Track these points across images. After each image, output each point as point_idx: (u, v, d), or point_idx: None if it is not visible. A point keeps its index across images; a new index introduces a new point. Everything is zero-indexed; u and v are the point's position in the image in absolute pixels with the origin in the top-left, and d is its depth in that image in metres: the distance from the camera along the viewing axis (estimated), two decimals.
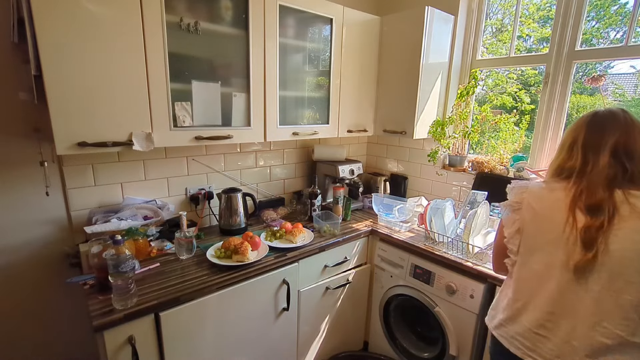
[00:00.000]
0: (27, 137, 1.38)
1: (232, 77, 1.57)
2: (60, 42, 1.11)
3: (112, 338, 1.11)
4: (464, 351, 1.60)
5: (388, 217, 2.01)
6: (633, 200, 0.87)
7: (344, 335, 2.02)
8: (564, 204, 0.93)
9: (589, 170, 0.93)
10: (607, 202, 0.88)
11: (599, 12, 1.87)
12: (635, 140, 0.91)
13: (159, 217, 1.61)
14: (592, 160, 0.93)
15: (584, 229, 0.89)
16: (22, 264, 1.46)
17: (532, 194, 1.01)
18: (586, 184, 0.92)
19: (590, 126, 0.97)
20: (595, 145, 0.94)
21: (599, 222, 0.87)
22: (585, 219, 0.89)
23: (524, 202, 1.02)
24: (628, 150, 0.91)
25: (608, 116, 0.96)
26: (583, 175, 0.94)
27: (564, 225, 0.92)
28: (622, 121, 0.93)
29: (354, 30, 1.95)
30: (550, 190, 0.99)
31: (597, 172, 0.91)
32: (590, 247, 0.87)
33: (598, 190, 0.90)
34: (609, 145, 0.92)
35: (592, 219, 0.88)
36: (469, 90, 2.05)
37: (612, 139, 0.92)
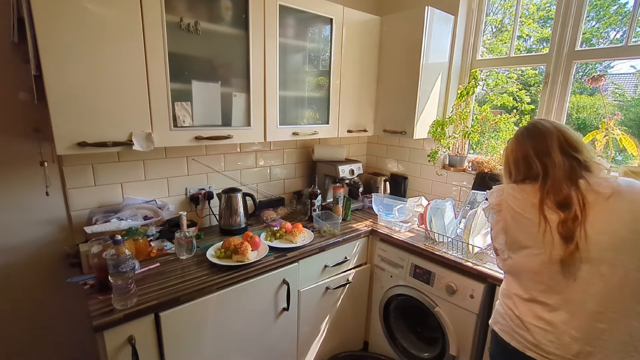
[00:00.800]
0: (27, 137, 1.38)
1: (232, 77, 1.57)
2: (60, 42, 1.11)
3: (112, 338, 1.11)
4: (464, 351, 1.60)
5: (388, 217, 2.01)
6: (595, 186, 0.96)
7: (344, 335, 2.02)
8: (533, 205, 1.02)
9: (550, 172, 1.01)
10: (574, 194, 0.96)
11: (598, 12, 1.87)
12: (572, 136, 1.03)
13: (159, 217, 1.61)
14: (549, 162, 1.02)
15: (560, 224, 0.95)
16: (22, 264, 1.46)
17: (508, 195, 1.09)
18: (550, 183, 1.00)
19: (533, 138, 1.07)
20: (545, 151, 1.04)
21: (572, 214, 0.94)
22: (559, 215, 0.96)
23: (503, 203, 1.10)
24: (571, 145, 1.02)
25: (538, 127, 1.08)
26: (548, 177, 1.02)
27: (538, 224, 1.00)
28: (551, 127, 1.06)
29: (354, 30, 1.95)
30: (521, 190, 1.07)
31: (556, 170, 1.00)
32: (570, 239, 0.94)
33: (562, 186, 0.98)
34: (555, 147, 1.02)
35: (564, 213, 0.95)
36: (469, 90, 2.05)
37: (555, 141, 1.03)
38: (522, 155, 1.09)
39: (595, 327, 0.92)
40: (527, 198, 1.04)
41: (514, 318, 1.05)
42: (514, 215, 1.06)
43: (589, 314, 0.92)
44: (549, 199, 0.99)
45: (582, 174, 0.99)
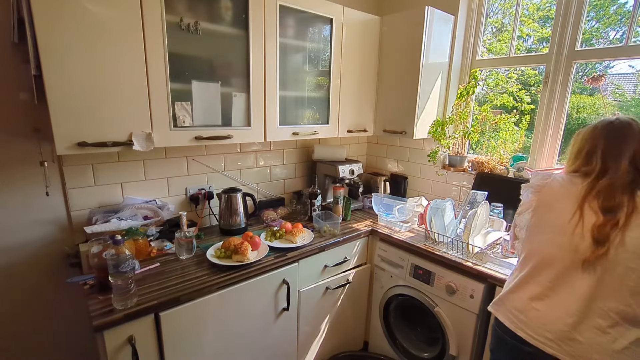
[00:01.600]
0: (27, 137, 1.38)
1: (232, 77, 1.57)
2: (60, 42, 1.11)
3: (112, 338, 1.10)
4: (464, 351, 1.60)
5: (388, 217, 2.01)
6: None
7: (344, 335, 2.02)
8: (575, 197, 1.00)
9: (609, 175, 0.99)
10: (624, 204, 0.94)
11: (598, 12, 1.87)
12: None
13: (159, 217, 1.61)
14: (612, 167, 0.99)
15: (597, 227, 0.94)
16: (22, 264, 1.46)
17: (554, 181, 1.08)
18: (605, 185, 0.97)
19: (609, 136, 1.02)
20: (614, 154, 1.00)
21: (614, 220, 0.93)
22: (598, 217, 0.95)
23: (545, 186, 1.09)
24: None
25: (625, 127, 1.01)
26: (602, 177, 0.99)
27: (571, 216, 0.99)
28: (637, 131, 1.00)
29: (354, 30, 1.95)
30: (569, 181, 1.06)
31: (617, 176, 0.97)
32: (603, 243, 0.93)
33: (616, 193, 0.95)
34: (627, 154, 0.98)
35: (606, 218, 0.94)
36: (469, 90, 2.05)
37: (630, 149, 0.98)
38: (587, 149, 1.06)
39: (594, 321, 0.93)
40: (572, 189, 1.03)
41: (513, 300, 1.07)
42: (552, 199, 1.06)
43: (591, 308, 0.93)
44: (596, 199, 0.97)
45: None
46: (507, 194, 1.89)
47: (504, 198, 1.87)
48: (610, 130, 1.03)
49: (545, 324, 0.99)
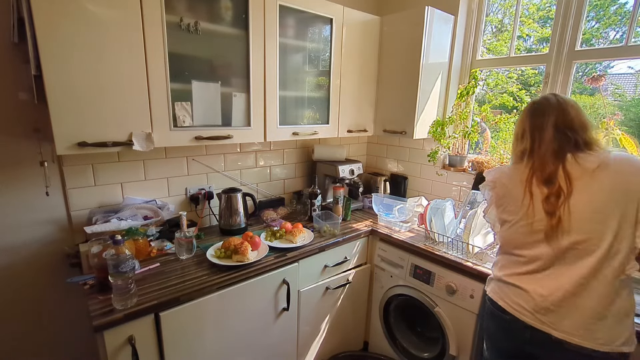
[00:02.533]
0: (27, 137, 1.38)
1: (232, 77, 1.57)
2: (61, 42, 1.11)
3: (112, 338, 1.11)
4: (464, 351, 1.60)
5: (388, 217, 2.01)
6: (582, 161, 1.01)
7: (344, 335, 2.02)
8: (519, 180, 1.10)
9: (536, 148, 1.08)
10: (560, 170, 1.02)
11: (598, 12, 1.87)
12: (570, 115, 1.06)
13: (159, 217, 1.61)
14: (538, 138, 1.08)
15: (545, 200, 1.03)
16: (22, 264, 1.46)
17: (503, 174, 1.18)
18: (537, 160, 1.07)
19: (532, 113, 1.13)
20: (539, 126, 1.09)
21: (556, 189, 1.01)
22: (542, 191, 1.04)
23: (497, 180, 1.19)
24: (567, 123, 1.05)
25: (543, 102, 1.11)
26: (535, 153, 1.08)
27: (522, 198, 1.08)
28: (555, 103, 1.09)
29: (354, 31, 1.95)
30: (514, 169, 1.15)
31: (544, 147, 1.06)
32: (553, 214, 1.01)
33: (548, 162, 1.04)
34: (550, 123, 1.07)
35: (549, 189, 1.03)
36: (469, 90, 2.04)
37: (551, 118, 1.07)
38: (520, 131, 1.15)
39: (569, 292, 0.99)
40: (517, 175, 1.12)
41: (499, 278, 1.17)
42: (504, 190, 1.15)
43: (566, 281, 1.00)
44: (536, 175, 1.06)
45: (572, 151, 1.03)
46: None
47: None
48: (532, 109, 1.13)
49: (523, 297, 1.07)
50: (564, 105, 1.07)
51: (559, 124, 1.06)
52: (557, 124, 1.06)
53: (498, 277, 1.18)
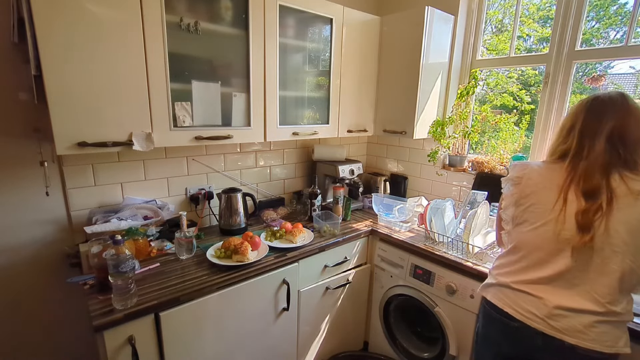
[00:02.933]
0: (27, 137, 1.38)
1: (232, 77, 1.57)
2: (60, 42, 1.11)
3: (112, 338, 1.11)
4: (464, 351, 1.60)
5: (388, 217, 2.01)
6: (629, 181, 0.94)
7: (344, 335, 2.02)
8: (556, 184, 1.01)
9: (585, 155, 0.99)
10: (603, 187, 0.94)
11: (598, 12, 1.87)
12: (630, 127, 0.96)
13: (159, 217, 1.61)
14: (587, 145, 0.99)
15: (580, 212, 0.95)
16: (22, 264, 1.46)
17: (532, 170, 1.08)
18: (583, 169, 0.98)
19: (589, 111, 1.01)
20: (592, 131, 0.99)
21: (596, 205, 0.94)
22: (580, 203, 0.96)
23: (524, 177, 1.09)
24: (622, 136, 0.96)
25: (607, 102, 1.00)
26: (579, 159, 0.99)
27: (554, 204, 1.00)
28: (619, 107, 0.98)
29: (354, 30, 1.95)
30: (548, 168, 1.06)
31: (593, 157, 0.97)
32: (587, 229, 0.94)
33: (595, 175, 0.96)
34: (605, 132, 0.97)
35: (588, 203, 0.95)
36: (469, 90, 2.05)
37: (608, 125, 0.97)
38: (568, 125, 1.05)
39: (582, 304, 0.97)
40: (552, 177, 1.03)
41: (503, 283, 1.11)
42: (532, 189, 1.06)
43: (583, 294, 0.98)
44: (576, 184, 0.97)
45: (620, 168, 0.95)
46: None
47: None
48: (593, 104, 1.02)
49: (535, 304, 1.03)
50: (628, 112, 0.97)
51: (614, 134, 0.96)
52: (612, 134, 0.96)
53: (504, 283, 1.11)
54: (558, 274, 1.00)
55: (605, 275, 0.95)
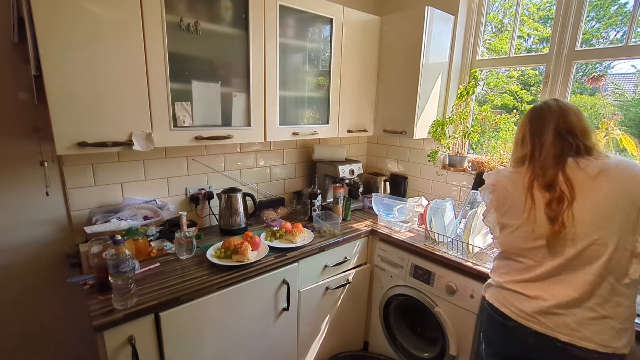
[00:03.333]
0: (27, 137, 1.38)
1: (232, 77, 1.57)
2: (60, 42, 1.11)
3: (112, 338, 1.11)
4: (464, 351, 1.60)
5: (388, 217, 2.01)
6: (585, 166, 1.01)
7: (344, 335, 2.02)
8: (522, 185, 1.09)
9: (538, 154, 1.08)
10: (560, 175, 1.02)
11: (599, 12, 1.87)
12: (571, 120, 1.06)
13: (159, 217, 1.61)
14: (538, 143, 1.08)
15: (547, 205, 1.02)
16: (22, 264, 1.46)
17: (503, 177, 1.17)
18: (539, 165, 1.06)
19: (532, 119, 1.13)
20: (539, 131, 1.09)
21: (557, 195, 1.01)
22: (545, 196, 1.03)
23: (497, 183, 1.18)
24: (568, 128, 1.06)
25: (544, 107, 1.12)
26: (535, 159, 1.08)
27: (524, 203, 1.07)
28: (556, 108, 1.09)
29: (354, 31, 1.95)
30: (515, 173, 1.14)
31: (545, 152, 1.06)
32: (555, 219, 1.00)
33: (549, 169, 1.04)
34: (550, 129, 1.07)
35: (550, 194, 1.02)
36: (469, 90, 2.04)
37: (552, 124, 1.07)
38: (520, 136, 1.16)
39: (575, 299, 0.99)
40: (518, 179, 1.11)
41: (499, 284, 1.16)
42: (505, 194, 1.14)
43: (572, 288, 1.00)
44: (537, 181, 1.06)
45: (574, 156, 1.03)
46: None
47: None
48: (534, 113, 1.14)
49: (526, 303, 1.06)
50: (565, 111, 1.07)
51: (560, 129, 1.06)
52: (558, 129, 1.06)
53: (498, 284, 1.16)
54: (546, 271, 1.04)
55: (590, 264, 0.98)
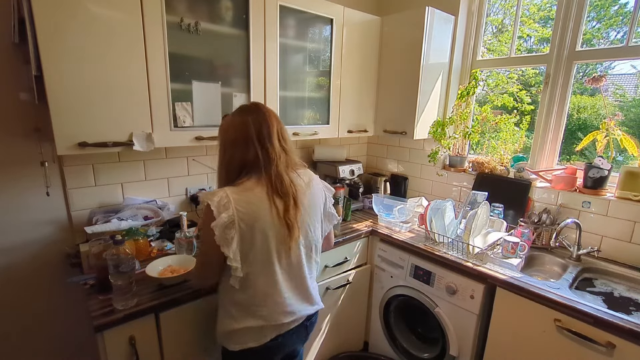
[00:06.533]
0: (28, 137, 1.38)
1: (232, 77, 1.57)
2: (61, 43, 1.11)
3: (112, 338, 1.10)
4: (464, 351, 1.60)
5: (388, 218, 2.01)
6: (302, 175, 1.11)
7: (344, 336, 2.02)
8: (263, 196, 1.02)
9: (273, 159, 1.04)
10: (290, 185, 1.05)
11: (599, 13, 1.87)
12: (282, 125, 1.11)
13: (159, 217, 1.61)
14: (270, 148, 1.04)
15: (284, 212, 1.03)
16: (23, 264, 1.46)
17: (238, 202, 0.99)
18: (276, 172, 1.04)
19: (255, 119, 1.05)
20: (269, 135, 1.05)
21: (288, 203, 1.03)
22: (281, 204, 1.03)
23: (235, 215, 0.98)
24: (285, 134, 1.11)
25: (260, 106, 1.10)
26: (270, 164, 1.03)
27: (270, 212, 1.02)
28: (270, 109, 1.10)
29: (354, 31, 1.95)
30: (249, 189, 1.02)
31: (277, 159, 1.04)
32: (291, 226, 1.03)
33: (285, 176, 1.05)
34: (275, 132, 1.06)
35: (284, 202, 1.03)
36: (470, 91, 2.04)
37: (275, 126, 1.07)
38: (243, 136, 1.04)
39: (305, 279, 1.15)
40: (256, 194, 1.01)
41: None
42: (249, 219, 1.01)
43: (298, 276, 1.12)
44: (276, 188, 1.03)
45: (290, 165, 1.09)
46: (508, 194, 1.89)
47: (504, 198, 1.87)
48: (253, 110, 1.07)
49: (274, 302, 1.08)
50: (274, 113, 1.13)
51: (280, 134, 1.11)
52: (280, 134, 1.11)
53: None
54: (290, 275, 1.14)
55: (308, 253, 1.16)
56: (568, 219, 1.59)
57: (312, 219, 1.13)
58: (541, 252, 1.71)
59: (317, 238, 1.17)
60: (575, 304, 1.24)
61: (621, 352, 1.14)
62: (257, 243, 1.01)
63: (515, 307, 1.39)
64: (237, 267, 1.00)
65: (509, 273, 1.45)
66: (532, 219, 1.76)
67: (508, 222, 1.84)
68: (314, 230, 1.14)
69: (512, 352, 1.44)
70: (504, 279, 1.41)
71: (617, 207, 1.58)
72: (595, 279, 1.55)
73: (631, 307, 1.36)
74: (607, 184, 1.63)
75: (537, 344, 1.35)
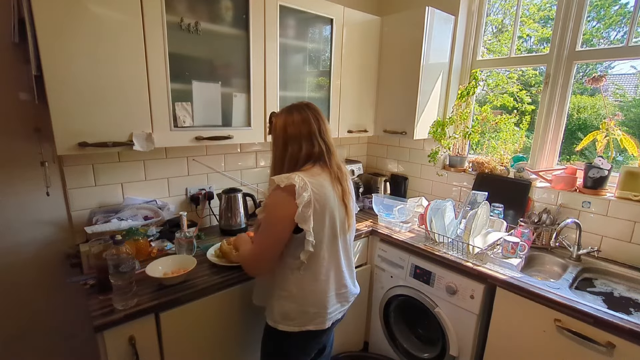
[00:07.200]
0: (28, 138, 1.38)
1: (232, 77, 1.58)
2: (61, 43, 1.11)
3: (112, 338, 1.10)
4: (464, 352, 1.60)
5: (388, 218, 2.01)
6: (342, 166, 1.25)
7: (344, 336, 2.01)
8: (328, 181, 1.15)
9: (333, 151, 1.21)
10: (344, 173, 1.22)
11: (599, 13, 1.87)
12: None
13: (159, 217, 1.61)
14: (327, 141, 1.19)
15: (342, 195, 1.18)
16: (23, 264, 1.46)
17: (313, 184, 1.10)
18: (336, 162, 1.21)
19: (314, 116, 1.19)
20: (325, 130, 1.20)
21: (345, 189, 1.20)
22: (339, 189, 1.18)
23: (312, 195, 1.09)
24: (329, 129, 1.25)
25: (311, 106, 1.22)
26: (332, 155, 1.20)
27: (334, 195, 1.15)
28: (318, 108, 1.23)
29: (354, 31, 1.95)
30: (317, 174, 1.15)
31: (332, 151, 1.20)
32: (348, 208, 1.20)
33: (342, 165, 1.23)
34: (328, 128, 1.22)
35: (342, 187, 1.19)
36: (470, 91, 2.04)
37: (326, 122, 1.22)
38: (306, 132, 1.16)
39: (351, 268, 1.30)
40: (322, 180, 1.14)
41: None
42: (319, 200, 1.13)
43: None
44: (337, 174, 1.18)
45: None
46: (508, 194, 1.89)
47: (504, 198, 1.87)
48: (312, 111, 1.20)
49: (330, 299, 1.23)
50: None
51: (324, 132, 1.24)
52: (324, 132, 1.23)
53: None
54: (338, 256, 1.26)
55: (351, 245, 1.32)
56: (568, 219, 1.59)
57: (353, 203, 1.27)
58: (541, 252, 1.71)
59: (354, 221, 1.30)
60: (575, 304, 1.24)
61: (621, 352, 1.14)
62: (326, 222, 1.13)
63: (515, 307, 1.39)
64: (311, 241, 1.09)
65: (509, 273, 1.45)
66: (532, 219, 1.76)
67: (508, 222, 1.84)
68: (355, 214, 1.29)
69: (512, 352, 1.44)
70: (504, 279, 1.41)
71: (617, 207, 1.58)
72: (595, 279, 1.55)
73: (631, 307, 1.36)
74: (607, 184, 1.63)
75: (537, 344, 1.35)
